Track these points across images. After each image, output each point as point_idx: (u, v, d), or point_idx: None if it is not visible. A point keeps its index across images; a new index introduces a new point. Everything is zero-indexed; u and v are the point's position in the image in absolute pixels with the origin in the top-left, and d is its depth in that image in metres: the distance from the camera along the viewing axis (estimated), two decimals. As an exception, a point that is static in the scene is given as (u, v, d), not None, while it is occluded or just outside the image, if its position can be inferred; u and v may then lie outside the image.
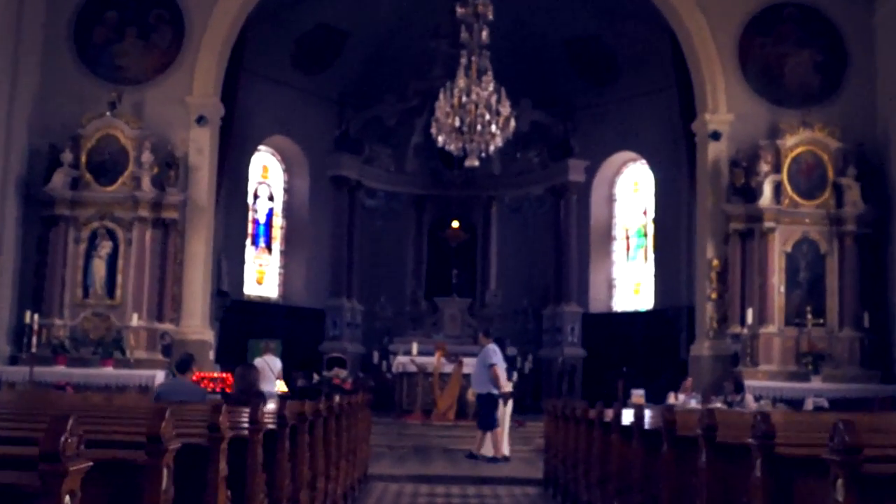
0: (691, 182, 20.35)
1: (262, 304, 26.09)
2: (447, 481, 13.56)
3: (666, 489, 6.59)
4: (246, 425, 5.77)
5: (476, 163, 14.81)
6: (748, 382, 17.22)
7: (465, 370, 18.83)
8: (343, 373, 18.71)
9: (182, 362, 10.69)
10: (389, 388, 20.88)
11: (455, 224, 25.96)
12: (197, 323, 18.44)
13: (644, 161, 26.77)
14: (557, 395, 24.35)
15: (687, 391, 16.86)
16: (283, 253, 27.31)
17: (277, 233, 27.32)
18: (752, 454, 4.94)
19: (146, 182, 17.99)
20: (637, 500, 7.56)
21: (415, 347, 20.49)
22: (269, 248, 27.08)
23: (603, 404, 10.26)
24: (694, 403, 16.02)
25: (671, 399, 16.70)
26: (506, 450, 15.83)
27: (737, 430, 6.01)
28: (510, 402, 17.92)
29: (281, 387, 16.81)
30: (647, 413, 8.34)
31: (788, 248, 18.32)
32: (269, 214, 27.11)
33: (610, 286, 27.60)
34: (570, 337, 24.95)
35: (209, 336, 18.73)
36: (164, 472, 3.81)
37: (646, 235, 27.10)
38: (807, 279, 18.35)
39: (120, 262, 18.09)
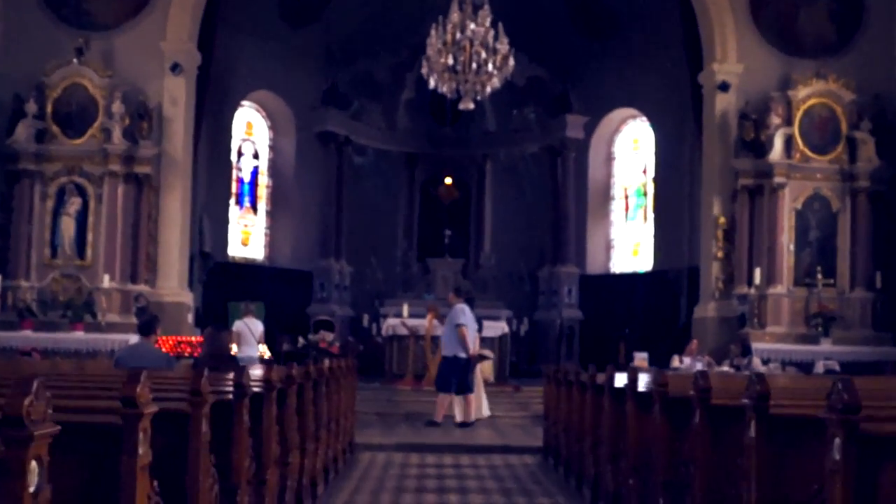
0: (697, 136, 19.20)
1: (247, 266, 24.99)
2: (439, 450, 12.52)
3: (660, 453, 6.47)
4: (226, 390, 5.53)
5: (471, 105, 13.66)
6: (755, 345, 16.23)
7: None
8: (330, 336, 17.63)
9: (144, 324, 9.59)
10: (379, 353, 19.83)
11: (448, 181, 24.87)
12: (173, 284, 17.35)
13: (644, 118, 25.66)
14: (555, 359, 23.38)
15: (692, 354, 15.84)
16: (269, 213, 26.22)
17: (263, 192, 26.19)
18: (746, 415, 4.83)
19: (117, 134, 16.85)
20: (630, 465, 7.32)
21: (405, 309, 19.43)
22: (254, 208, 25.96)
23: (595, 368, 9.56)
24: (700, 367, 14.96)
25: (675, 363, 15.70)
26: (485, 410, 15.11)
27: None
28: (489, 364, 17.04)
29: (263, 351, 15.75)
30: (645, 376, 7.90)
31: (799, 206, 17.29)
32: (255, 173, 25.96)
33: (608, 247, 26.56)
34: (567, 299, 23.90)
35: (187, 298, 17.64)
36: (141, 436, 3.56)
37: (645, 195, 26.03)
38: (817, 238, 17.33)
39: (90, 220, 16.99)
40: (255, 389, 6.02)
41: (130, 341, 15.44)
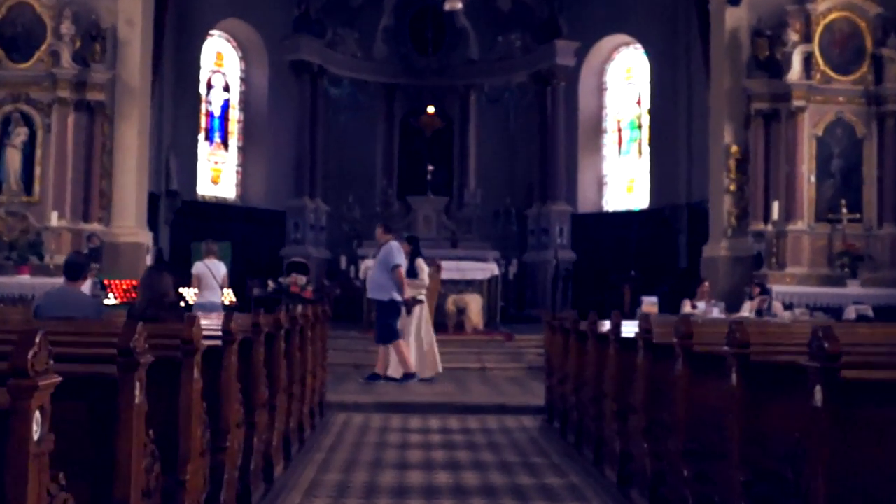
0: (704, 57, 17.29)
1: (217, 206, 23.22)
2: (424, 410, 10.82)
3: (681, 412, 5.51)
4: (168, 344, 4.53)
5: (459, 4, 11.73)
6: (774, 288, 14.50)
7: (445, 275, 16.01)
8: (302, 280, 15.76)
9: (71, 267, 7.74)
10: (358, 298, 17.97)
11: (430, 109, 22.89)
12: (130, 223, 15.45)
13: (638, 45, 23.87)
14: (550, 304, 21.71)
15: (704, 298, 14.11)
16: (241, 149, 24.49)
17: (234, 127, 24.46)
18: (810, 379, 3.92)
19: (66, 57, 14.91)
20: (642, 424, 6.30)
21: (385, 250, 17.60)
22: (225, 144, 24.16)
23: (596, 314, 8.21)
24: (717, 313, 13.29)
25: (686, 307, 13.97)
26: (440, 365, 13.18)
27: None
28: (423, 311, 15.26)
29: (228, 296, 13.93)
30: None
31: (820, 132, 15.49)
32: (225, 107, 24.08)
33: (600, 184, 24.81)
34: (558, 239, 22.11)
35: (145, 238, 15.75)
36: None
37: (640, 128, 24.27)
38: (841, 168, 15.57)
39: (38, 153, 15.11)
40: (210, 342, 5.03)
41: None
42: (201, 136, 23.27)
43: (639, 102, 24.20)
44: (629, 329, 7.06)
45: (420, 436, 9.30)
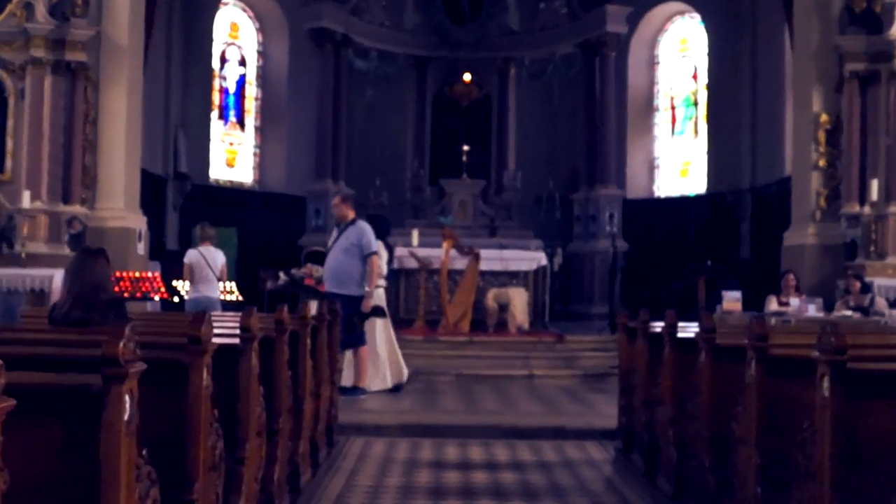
0: (786, 12, 14.81)
1: (232, 191, 21.05)
2: (462, 433, 8.53)
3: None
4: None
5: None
6: (875, 281, 12.09)
7: (485, 265, 13.71)
8: (318, 271, 13.34)
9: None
10: (385, 292, 15.63)
11: (467, 77, 20.47)
12: (118, 205, 13.16)
13: (695, 13, 21.40)
14: (593, 299, 19.42)
15: (791, 293, 11.72)
16: (259, 130, 22.25)
17: (251, 105, 22.22)
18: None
19: (42, 11, 12.66)
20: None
21: (415, 236, 15.29)
22: (241, 123, 21.94)
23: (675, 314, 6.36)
24: (814, 311, 10.88)
25: (772, 305, 11.62)
26: (390, 379, 10.71)
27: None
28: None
29: (227, 289, 11.68)
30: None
31: (927, 97, 13.00)
32: (241, 83, 21.88)
33: (651, 167, 22.39)
34: (607, 227, 19.69)
35: (137, 223, 13.48)
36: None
37: (696, 105, 21.81)
38: (951, 140, 13.06)
39: (10, 122, 12.86)
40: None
41: (55, 278, 11.58)
42: (214, 114, 21.14)
43: (695, 77, 21.77)
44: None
45: (459, 474, 6.99)
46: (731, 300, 11.07)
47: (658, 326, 6.84)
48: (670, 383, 6.12)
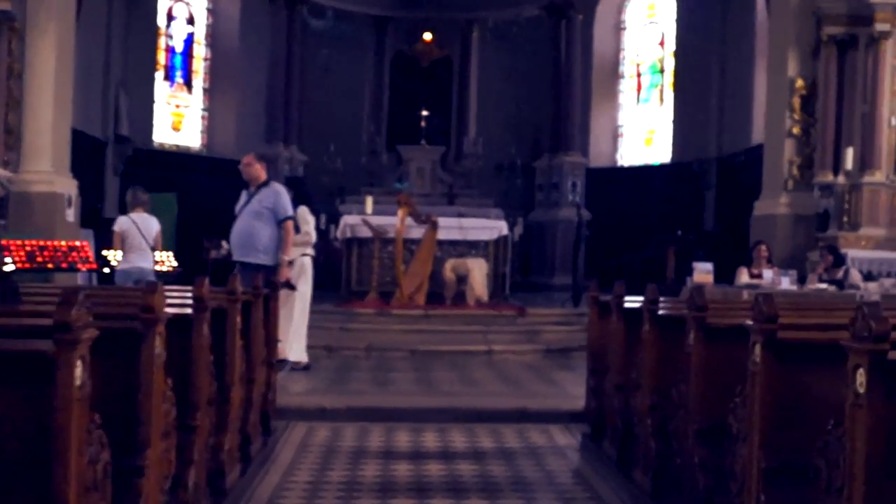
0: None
1: (178, 156, 20.10)
2: (416, 417, 7.81)
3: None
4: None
5: None
6: (848, 253, 11.51)
7: (442, 235, 12.95)
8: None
9: None
10: (338, 262, 14.86)
11: (427, 36, 19.62)
12: (45, 168, 12.20)
13: (662, -23, 20.67)
14: (554, 270, 18.78)
15: (764, 264, 11.10)
16: (208, 92, 21.29)
17: (199, 66, 21.22)
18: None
19: (-41, -50, 11.67)
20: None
21: (369, 203, 14.49)
22: (188, 85, 20.95)
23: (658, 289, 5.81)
24: (787, 284, 10.26)
25: (743, 277, 11.00)
26: (293, 354, 9.73)
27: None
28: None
29: (163, 259, 10.81)
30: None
31: (905, 64, 12.42)
32: (189, 42, 20.85)
33: (615, 135, 21.70)
34: (570, 195, 19.02)
35: (67, 188, 12.53)
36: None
37: (662, 73, 21.12)
38: (929, 108, 12.50)
39: (-75, 77, 11.89)
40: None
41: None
42: (159, 75, 20.20)
43: (662, 44, 21.08)
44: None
45: (411, 466, 6.27)
46: (703, 272, 10.40)
47: (636, 301, 6.15)
48: (651, 366, 5.42)
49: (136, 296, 3.92)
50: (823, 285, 10.27)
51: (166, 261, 10.87)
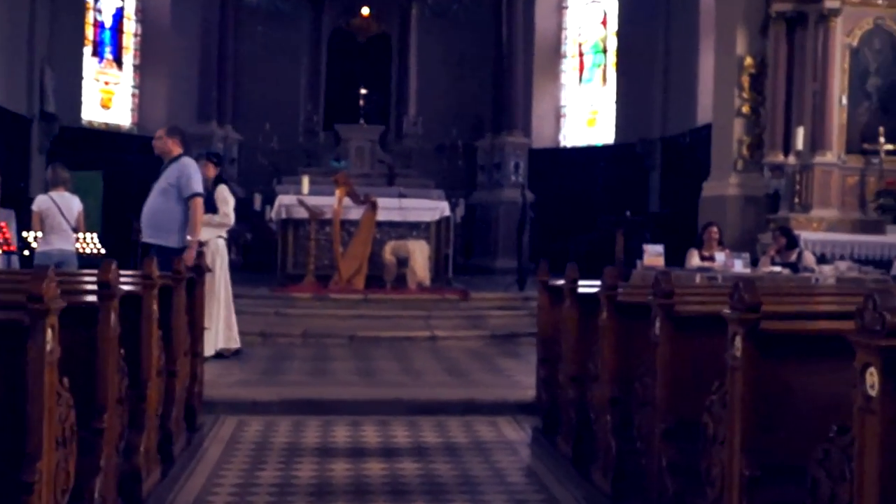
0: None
1: (108, 134, 19.33)
2: (355, 409, 7.32)
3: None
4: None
5: None
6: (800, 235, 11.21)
7: (382, 216, 12.43)
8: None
9: None
10: (274, 244, 14.24)
11: (365, 11, 18.97)
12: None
13: (606, -47, 20.26)
14: (497, 252, 18.36)
15: (715, 247, 10.75)
16: (138, 69, 20.48)
17: (130, 42, 20.42)
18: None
19: None
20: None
21: (305, 182, 13.88)
22: (118, 62, 20.14)
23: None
24: (740, 266, 9.90)
25: (694, 260, 10.61)
26: (221, 341, 9.11)
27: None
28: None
29: (86, 242, 10.14)
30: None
31: (855, 42, 12.28)
32: (118, 17, 20.04)
33: (557, 116, 21.28)
34: (513, 176, 18.59)
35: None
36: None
37: (605, 52, 20.73)
38: (879, 88, 12.30)
39: None
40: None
41: None
42: (88, 50, 19.36)
43: (604, 23, 20.69)
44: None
45: (350, 464, 5.77)
46: (653, 254, 9.99)
47: (590, 287, 5.70)
48: (611, 357, 4.97)
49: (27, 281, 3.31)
50: (777, 268, 9.92)
51: (90, 243, 10.19)
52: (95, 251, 10.47)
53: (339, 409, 7.35)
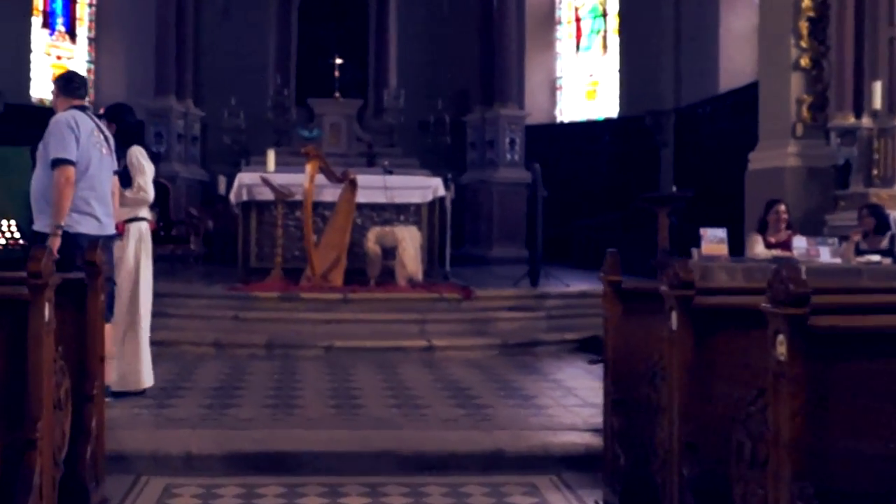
0: None
1: (58, 112, 16.67)
2: (331, 467, 4.91)
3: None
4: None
5: None
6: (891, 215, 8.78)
7: (364, 197, 9.94)
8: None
9: None
10: (237, 233, 11.70)
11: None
12: None
13: None
14: (490, 240, 15.99)
15: (782, 229, 8.37)
16: (93, 41, 18.16)
17: (84, 13, 18.11)
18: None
19: None
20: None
21: (271, 158, 11.28)
22: (71, 34, 17.94)
23: None
24: (828, 255, 7.47)
25: (758, 247, 8.21)
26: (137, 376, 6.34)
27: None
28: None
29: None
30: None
31: (938, -23, 9.69)
32: (70, -17, 17.66)
33: (552, 89, 18.89)
34: (508, 154, 16.13)
35: None
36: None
37: (604, 16, 18.35)
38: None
39: None
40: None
41: None
42: (37, 21, 17.10)
43: (603, -15, 18.30)
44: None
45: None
46: (714, 241, 7.50)
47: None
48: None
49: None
50: (875, 257, 7.51)
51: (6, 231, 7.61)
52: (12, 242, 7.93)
53: (310, 464, 4.94)
